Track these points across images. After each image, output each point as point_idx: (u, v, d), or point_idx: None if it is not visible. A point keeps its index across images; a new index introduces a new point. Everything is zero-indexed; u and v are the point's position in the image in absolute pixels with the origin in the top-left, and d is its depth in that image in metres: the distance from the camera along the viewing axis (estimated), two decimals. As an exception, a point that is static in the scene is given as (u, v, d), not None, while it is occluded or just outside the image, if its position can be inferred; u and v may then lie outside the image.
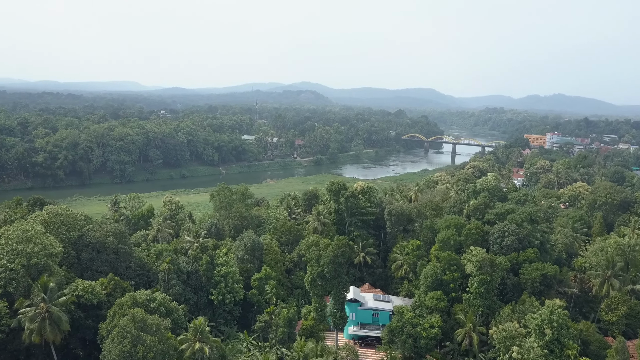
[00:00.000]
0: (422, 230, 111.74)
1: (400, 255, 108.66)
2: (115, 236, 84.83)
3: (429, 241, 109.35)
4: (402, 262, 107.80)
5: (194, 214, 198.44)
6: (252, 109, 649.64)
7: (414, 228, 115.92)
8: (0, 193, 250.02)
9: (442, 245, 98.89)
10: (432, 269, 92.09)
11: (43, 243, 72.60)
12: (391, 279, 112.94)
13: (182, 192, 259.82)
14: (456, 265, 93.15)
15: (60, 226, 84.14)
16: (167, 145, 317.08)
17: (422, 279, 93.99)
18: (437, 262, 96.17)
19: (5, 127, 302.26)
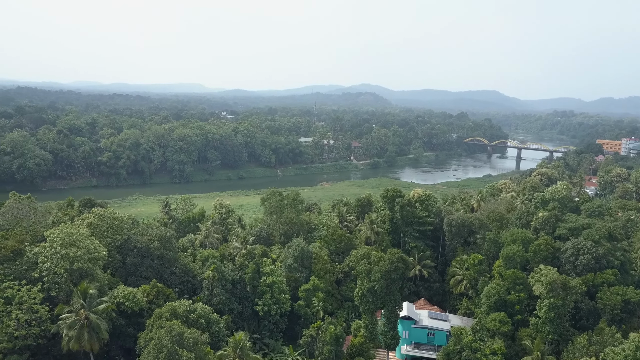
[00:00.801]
0: (484, 244, 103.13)
1: (460, 270, 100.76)
2: (160, 241, 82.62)
3: (491, 256, 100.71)
4: (461, 277, 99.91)
5: (249, 216, 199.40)
6: (311, 111, 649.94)
7: (476, 240, 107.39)
8: (67, 190, 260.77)
9: (507, 261, 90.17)
10: (495, 288, 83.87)
11: (87, 247, 71.11)
12: (449, 295, 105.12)
13: (238, 193, 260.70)
14: (522, 285, 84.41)
15: (107, 229, 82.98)
16: (225, 146, 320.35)
17: (483, 297, 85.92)
18: (501, 280, 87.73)
19: (75, 127, 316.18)
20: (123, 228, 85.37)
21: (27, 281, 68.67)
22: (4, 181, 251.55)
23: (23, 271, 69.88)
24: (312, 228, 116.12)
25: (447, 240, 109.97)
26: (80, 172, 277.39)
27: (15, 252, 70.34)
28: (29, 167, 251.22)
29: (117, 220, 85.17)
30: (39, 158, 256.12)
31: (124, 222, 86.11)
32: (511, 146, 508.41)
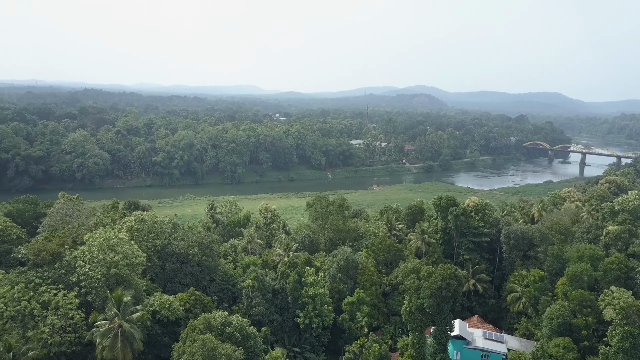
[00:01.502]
0: (546, 259, 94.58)
1: (519, 286, 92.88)
2: (200, 247, 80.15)
3: (554, 272, 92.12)
4: (520, 294, 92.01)
5: (297, 219, 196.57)
6: (363, 113, 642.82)
7: (537, 255, 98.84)
8: (123, 189, 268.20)
9: (573, 280, 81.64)
10: (559, 310, 75.84)
11: (125, 252, 69.39)
12: (506, 313, 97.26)
13: (287, 195, 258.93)
14: (591, 308, 75.98)
15: (147, 233, 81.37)
16: (276, 148, 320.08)
17: (545, 319, 77.99)
18: (566, 300, 79.48)
19: (132, 128, 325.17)
20: (164, 232, 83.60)
21: (64, 285, 67.69)
22: (65, 179, 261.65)
23: (61, 275, 69.02)
24: (358, 236, 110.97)
25: (505, 253, 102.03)
26: (135, 172, 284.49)
27: (54, 256, 69.58)
28: (88, 166, 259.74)
29: (158, 225, 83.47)
30: (97, 157, 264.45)
31: (164, 226, 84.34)
32: (574, 151, 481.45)
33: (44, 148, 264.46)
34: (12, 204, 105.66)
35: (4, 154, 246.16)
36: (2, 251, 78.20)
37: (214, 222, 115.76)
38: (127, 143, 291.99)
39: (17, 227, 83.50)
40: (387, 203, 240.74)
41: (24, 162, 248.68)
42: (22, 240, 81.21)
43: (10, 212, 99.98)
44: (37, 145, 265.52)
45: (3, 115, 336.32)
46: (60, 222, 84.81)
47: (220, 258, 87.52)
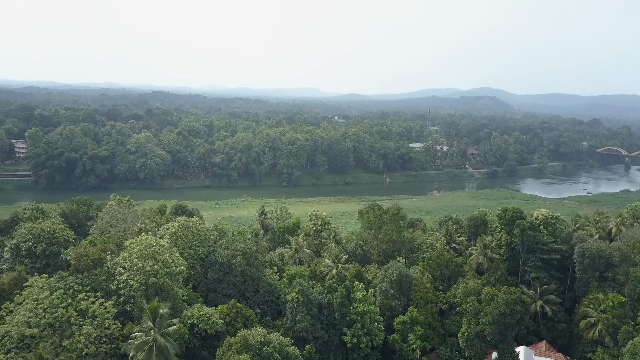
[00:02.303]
0: (627, 282, 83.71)
1: (594, 311, 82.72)
2: (244, 256, 76.40)
3: (637, 298, 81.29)
4: (595, 320, 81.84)
5: (351, 224, 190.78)
6: (424, 115, 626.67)
7: (616, 277, 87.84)
8: (182, 190, 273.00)
9: (661, 310, 71.20)
10: (644, 343, 65.98)
11: (165, 261, 66.67)
12: (578, 339, 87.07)
13: (343, 199, 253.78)
14: (683, 344, 65.56)
15: (191, 240, 78.67)
16: (333, 151, 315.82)
17: (627, 353, 68.19)
18: (652, 333, 69.31)
19: (193, 129, 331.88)
20: (208, 240, 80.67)
21: (103, 293, 65.87)
22: (128, 179, 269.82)
23: (101, 282, 67.31)
24: (414, 248, 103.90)
25: (578, 273, 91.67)
26: (195, 173, 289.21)
27: (95, 261, 68.01)
28: (150, 166, 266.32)
29: (202, 231, 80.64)
30: (158, 158, 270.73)
31: (209, 233, 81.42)
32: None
33: (110, 148, 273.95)
34: (67, 204, 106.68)
35: (72, 153, 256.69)
36: (49, 253, 78.00)
37: (264, 228, 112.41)
38: (187, 144, 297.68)
39: (66, 229, 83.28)
40: (448, 210, 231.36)
41: (91, 162, 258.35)
42: (69, 242, 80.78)
43: (64, 213, 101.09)
44: (104, 146, 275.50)
45: (75, 116, 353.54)
46: (107, 226, 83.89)
47: (265, 268, 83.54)
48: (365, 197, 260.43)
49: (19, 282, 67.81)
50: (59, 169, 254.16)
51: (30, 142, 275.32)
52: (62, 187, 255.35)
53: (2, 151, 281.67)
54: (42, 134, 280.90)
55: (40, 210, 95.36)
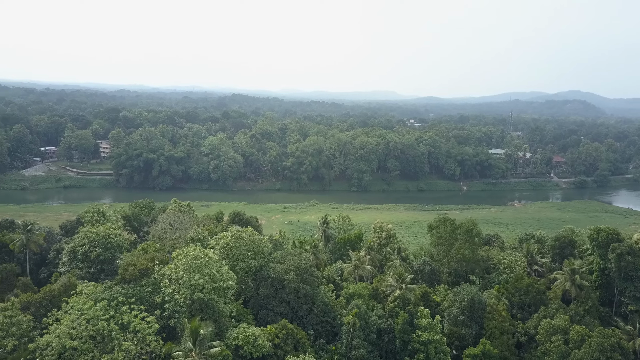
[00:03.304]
0: None
1: None
2: (297, 272, 70.77)
3: None
4: None
5: (421, 236, 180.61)
6: (506, 120, 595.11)
7: None
8: (253, 192, 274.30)
9: None
10: None
11: (211, 275, 62.45)
12: (688, 389, 73.50)
13: (415, 207, 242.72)
14: None
15: (244, 252, 74.16)
16: (406, 156, 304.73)
17: None
18: None
19: (267, 132, 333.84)
20: (262, 251, 75.84)
21: (148, 305, 62.70)
22: (201, 180, 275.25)
23: (147, 294, 64.21)
24: (490, 268, 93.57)
25: (689, 308, 77.80)
26: (266, 175, 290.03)
27: (142, 272, 65.09)
28: (223, 168, 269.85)
29: (256, 243, 75.90)
30: (231, 160, 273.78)
31: (262, 244, 76.49)
32: None
33: (185, 150, 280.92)
34: (130, 207, 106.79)
35: (150, 154, 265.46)
36: (103, 259, 76.75)
37: (325, 238, 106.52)
38: (260, 147, 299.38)
39: (120, 234, 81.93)
40: (529, 222, 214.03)
41: (167, 162, 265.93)
42: (123, 248, 79.18)
43: (126, 216, 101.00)
44: (180, 147, 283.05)
45: (156, 118, 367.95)
46: (162, 232, 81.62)
47: (322, 284, 77.37)
48: (439, 206, 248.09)
49: (68, 289, 66.46)
50: (137, 168, 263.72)
51: (112, 143, 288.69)
52: (140, 187, 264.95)
53: (88, 151, 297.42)
54: (124, 135, 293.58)
55: (101, 213, 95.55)
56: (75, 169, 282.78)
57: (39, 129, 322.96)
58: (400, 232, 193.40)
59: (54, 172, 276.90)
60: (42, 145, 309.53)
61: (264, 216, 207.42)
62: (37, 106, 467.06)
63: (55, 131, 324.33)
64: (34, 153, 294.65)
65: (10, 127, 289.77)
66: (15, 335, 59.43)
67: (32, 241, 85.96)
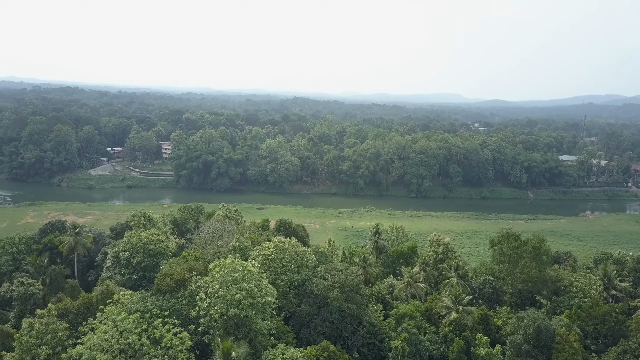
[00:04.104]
0: None
1: None
2: (342, 289, 65.44)
3: None
4: None
5: (483, 247, 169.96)
6: (578, 125, 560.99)
7: None
8: (309, 196, 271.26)
9: None
10: None
11: (249, 290, 58.41)
12: None
13: (477, 216, 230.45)
14: None
15: (287, 265, 69.67)
16: (469, 161, 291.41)
17: None
18: None
19: (324, 135, 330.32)
20: (306, 265, 71.10)
21: (183, 319, 59.51)
22: (259, 182, 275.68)
23: (182, 306, 61.06)
24: (559, 290, 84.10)
25: None
26: (322, 179, 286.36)
27: (179, 283, 62.08)
28: (279, 171, 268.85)
29: (300, 255, 71.25)
30: (288, 163, 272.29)
31: (306, 257, 71.71)
32: None
33: (244, 152, 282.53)
34: (179, 211, 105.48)
35: (209, 156, 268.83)
36: (145, 265, 74.86)
37: (377, 250, 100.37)
38: (317, 150, 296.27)
39: (163, 241, 79.80)
40: (603, 236, 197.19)
41: (225, 164, 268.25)
42: (165, 255, 76.96)
43: (174, 220, 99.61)
44: (238, 149, 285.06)
45: (217, 121, 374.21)
46: (204, 240, 78.81)
47: (370, 302, 71.58)
48: (504, 215, 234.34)
49: (106, 296, 64.62)
50: (196, 170, 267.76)
51: (174, 144, 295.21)
52: (199, 188, 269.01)
53: (150, 152, 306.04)
54: (185, 137, 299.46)
55: (147, 217, 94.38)
56: (138, 169, 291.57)
57: (107, 130, 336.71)
58: (460, 243, 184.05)
59: (118, 172, 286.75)
60: (109, 146, 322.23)
61: (318, 221, 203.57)
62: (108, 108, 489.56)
63: (122, 132, 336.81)
64: (102, 153, 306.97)
65: (81, 128, 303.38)
66: (50, 344, 57.95)
67: (80, 244, 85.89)
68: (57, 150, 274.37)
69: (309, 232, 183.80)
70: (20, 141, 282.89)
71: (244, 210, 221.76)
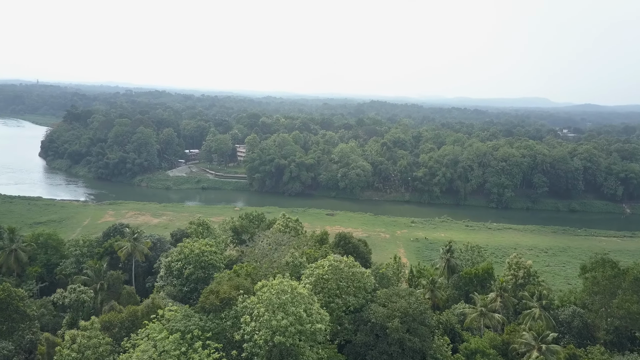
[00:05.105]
0: None
1: None
2: (404, 319, 57.84)
3: None
4: None
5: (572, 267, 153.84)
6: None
7: None
8: (380, 203, 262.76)
9: None
10: None
11: (298, 315, 52.59)
12: None
13: (564, 230, 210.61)
14: None
15: (343, 287, 63.07)
16: (557, 171, 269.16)
17: None
18: None
19: (399, 140, 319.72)
20: (364, 287, 64.15)
21: (226, 342, 54.77)
22: (329, 187, 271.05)
23: (226, 328, 56.35)
24: (667, 331, 70.96)
25: None
26: (395, 186, 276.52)
27: (224, 302, 57.49)
28: (350, 177, 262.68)
29: (357, 276, 64.42)
30: (360, 169, 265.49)
31: (365, 279, 64.68)
32: None
33: (316, 156, 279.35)
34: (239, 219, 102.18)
35: (282, 160, 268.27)
36: (196, 278, 71.31)
37: (449, 270, 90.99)
38: (390, 155, 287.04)
39: (215, 252, 75.96)
40: None
41: (297, 169, 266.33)
42: (217, 268, 73.08)
43: (234, 228, 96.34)
44: (311, 154, 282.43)
45: (292, 125, 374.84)
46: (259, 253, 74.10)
47: (436, 334, 63.29)
48: (595, 230, 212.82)
49: (151, 310, 61.49)
50: (269, 173, 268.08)
51: (248, 147, 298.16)
52: (271, 191, 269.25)
53: (226, 154, 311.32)
54: (259, 141, 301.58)
55: (205, 226, 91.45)
56: (213, 171, 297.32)
57: (186, 132, 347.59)
58: (544, 260, 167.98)
59: (194, 174, 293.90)
60: (187, 148, 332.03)
61: (389, 230, 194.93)
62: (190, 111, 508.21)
63: (200, 135, 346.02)
64: (180, 155, 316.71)
65: (162, 131, 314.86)
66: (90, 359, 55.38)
67: (138, 250, 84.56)
68: (138, 152, 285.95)
69: (377, 242, 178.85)
70: (107, 142, 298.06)
71: (313, 215, 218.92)
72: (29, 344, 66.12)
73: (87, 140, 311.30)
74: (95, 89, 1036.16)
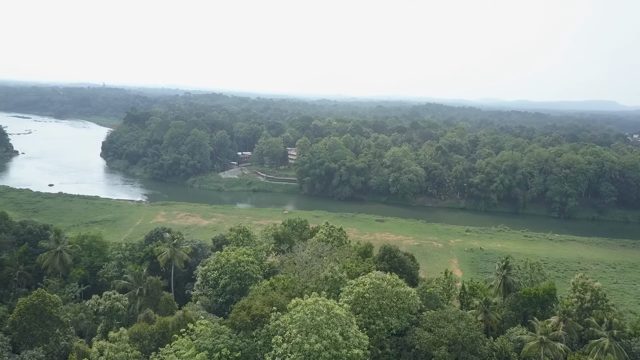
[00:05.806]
0: None
1: None
2: (452, 348, 52.00)
3: None
4: None
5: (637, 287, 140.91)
6: None
7: None
8: (434, 210, 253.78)
9: None
10: None
11: (333, 338, 48.10)
12: None
13: (635, 244, 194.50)
14: None
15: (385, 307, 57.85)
16: (627, 179, 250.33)
17: None
18: None
19: (454, 144, 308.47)
20: (409, 309, 58.68)
21: (256, 364, 51.06)
22: (380, 192, 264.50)
23: (257, 348, 52.58)
24: None
25: None
26: (449, 192, 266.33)
27: (255, 319, 53.76)
28: (402, 182, 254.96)
29: (401, 296, 59.00)
30: (412, 174, 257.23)
31: (409, 300, 59.18)
32: None
33: (367, 160, 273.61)
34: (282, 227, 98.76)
35: (332, 163, 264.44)
36: (231, 289, 68.17)
37: (505, 287, 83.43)
38: (445, 160, 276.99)
39: (252, 262, 72.57)
40: None
41: (347, 172, 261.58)
42: (254, 280, 69.65)
43: (277, 235, 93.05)
44: (361, 157, 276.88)
45: (344, 128, 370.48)
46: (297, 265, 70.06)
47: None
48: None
49: (182, 323, 58.77)
50: (319, 177, 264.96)
51: (298, 150, 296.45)
52: (321, 195, 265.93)
53: (277, 157, 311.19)
54: (309, 144, 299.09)
55: (245, 233, 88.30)
56: (264, 173, 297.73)
57: (239, 134, 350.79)
58: (612, 277, 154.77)
59: (246, 176, 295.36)
60: (240, 150, 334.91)
61: (442, 239, 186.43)
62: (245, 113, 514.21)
63: (253, 137, 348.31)
64: (232, 157, 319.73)
65: (215, 133, 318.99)
66: (117, 373, 53.18)
67: (177, 256, 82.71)
68: (192, 153, 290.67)
69: (429, 251, 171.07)
70: (162, 143, 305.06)
71: (362, 221, 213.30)
72: (63, 350, 65.22)
73: (144, 141, 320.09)
74: (157, 92, 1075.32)
